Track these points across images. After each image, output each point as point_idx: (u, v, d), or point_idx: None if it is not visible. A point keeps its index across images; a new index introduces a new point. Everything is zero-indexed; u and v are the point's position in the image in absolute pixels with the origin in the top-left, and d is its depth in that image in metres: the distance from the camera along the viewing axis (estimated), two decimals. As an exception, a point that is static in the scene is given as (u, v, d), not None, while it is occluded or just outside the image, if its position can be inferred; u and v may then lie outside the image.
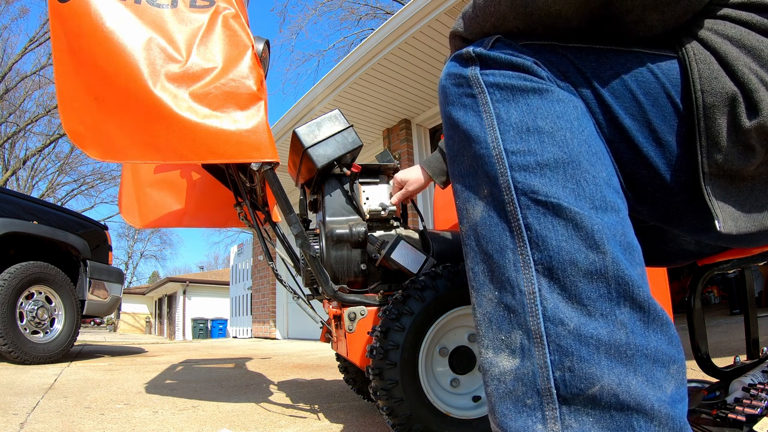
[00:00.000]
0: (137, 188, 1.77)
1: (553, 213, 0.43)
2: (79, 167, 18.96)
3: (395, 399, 0.93)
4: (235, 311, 10.41)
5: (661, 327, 0.42)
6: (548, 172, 0.45)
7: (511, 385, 0.42)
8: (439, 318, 0.97)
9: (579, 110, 0.49)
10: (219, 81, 1.07)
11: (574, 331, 0.40)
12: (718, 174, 0.49)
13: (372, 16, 14.40)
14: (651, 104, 0.51)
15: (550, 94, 0.48)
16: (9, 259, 3.03)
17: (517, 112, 0.47)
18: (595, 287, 0.41)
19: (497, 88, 0.48)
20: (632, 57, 0.52)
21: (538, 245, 0.43)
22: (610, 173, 0.48)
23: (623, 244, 0.44)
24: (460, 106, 0.50)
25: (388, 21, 3.50)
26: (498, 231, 0.46)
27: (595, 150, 0.47)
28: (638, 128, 0.51)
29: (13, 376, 2.28)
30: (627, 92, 0.51)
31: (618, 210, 0.45)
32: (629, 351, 0.40)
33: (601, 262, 0.41)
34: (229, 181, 1.61)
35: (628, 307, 0.41)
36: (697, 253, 0.78)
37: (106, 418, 1.38)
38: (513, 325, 0.43)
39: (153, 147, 1.07)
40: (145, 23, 1.09)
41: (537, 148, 0.46)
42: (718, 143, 0.48)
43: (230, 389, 1.95)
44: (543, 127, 0.46)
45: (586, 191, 0.44)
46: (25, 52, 15.44)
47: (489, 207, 0.47)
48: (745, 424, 0.80)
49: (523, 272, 0.43)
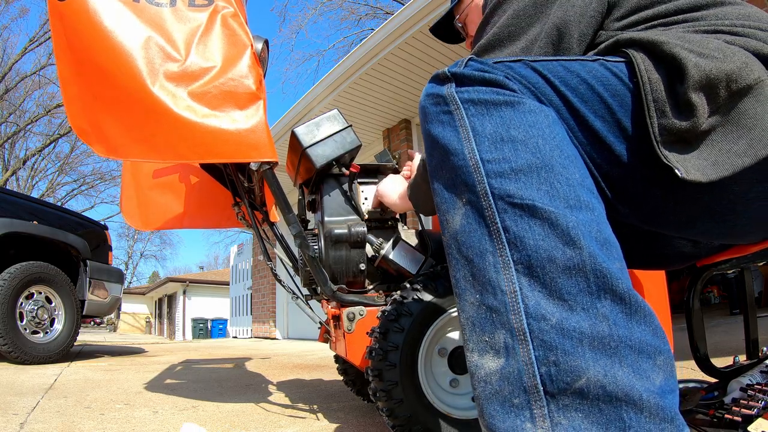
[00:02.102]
0: (138, 191, 1.77)
1: (529, 214, 0.45)
2: (79, 167, 19.00)
3: (395, 400, 0.93)
4: (235, 311, 10.41)
5: (644, 318, 0.42)
6: (522, 177, 0.46)
7: (498, 385, 0.43)
8: (438, 318, 0.97)
9: (550, 118, 0.51)
10: (218, 80, 1.07)
11: (557, 325, 0.41)
12: (672, 140, 0.51)
13: (372, 16, 14.41)
14: (618, 104, 0.53)
15: (521, 105, 0.50)
16: (9, 259, 3.03)
17: (491, 124, 0.49)
18: (575, 282, 0.42)
19: (472, 104, 0.51)
20: (596, 64, 0.56)
21: (517, 246, 0.44)
22: (584, 175, 0.49)
23: (599, 239, 0.45)
24: (438, 123, 0.53)
25: (388, 21, 3.50)
26: (477, 236, 0.47)
27: (568, 154, 0.49)
28: (608, 129, 0.54)
29: (13, 376, 2.28)
30: (595, 96, 0.54)
31: (592, 208, 0.47)
32: (612, 342, 0.40)
33: (578, 258, 0.42)
34: (227, 181, 1.60)
35: (609, 299, 0.42)
36: (695, 255, 0.78)
37: (106, 418, 1.38)
38: (496, 325, 0.44)
39: (152, 146, 1.07)
40: (144, 22, 1.08)
41: (511, 156, 0.47)
42: (664, 110, 0.51)
43: (230, 389, 1.95)
44: (516, 136, 0.48)
45: (560, 192, 0.46)
46: (25, 52, 15.45)
47: (468, 214, 0.48)
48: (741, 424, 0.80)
49: (504, 273, 0.44)
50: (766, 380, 0.94)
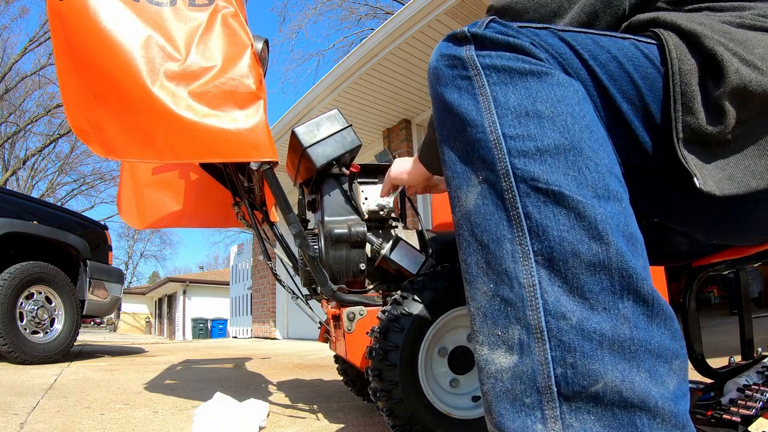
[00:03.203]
0: (136, 189, 1.77)
1: (554, 201, 0.41)
2: (79, 167, 19.00)
3: (395, 400, 0.92)
4: (235, 311, 10.41)
5: (665, 321, 0.40)
6: (549, 158, 0.43)
7: (509, 383, 0.41)
8: (438, 318, 0.97)
9: (579, 94, 0.47)
10: (218, 80, 1.07)
11: (577, 325, 0.39)
12: (693, 140, 0.49)
13: (372, 16, 14.41)
14: (648, 88, 0.50)
15: (549, 77, 0.46)
16: (9, 259, 3.03)
17: (515, 95, 0.45)
18: (598, 280, 0.40)
19: (494, 70, 0.46)
20: (627, 42, 0.52)
21: (538, 235, 0.41)
22: (612, 161, 0.46)
23: (626, 234, 0.42)
24: (454, 88, 0.48)
25: (388, 21, 3.50)
26: (494, 220, 0.43)
27: (597, 136, 0.45)
28: (634, 113, 0.50)
29: (13, 376, 2.28)
30: (624, 75, 0.50)
31: (621, 199, 0.43)
32: (633, 346, 0.39)
33: (605, 254, 0.40)
34: (227, 181, 1.60)
35: (631, 300, 0.40)
36: (691, 254, 0.78)
37: (106, 418, 1.37)
38: (510, 320, 0.41)
39: (152, 146, 1.06)
40: (144, 21, 1.08)
41: (537, 133, 0.44)
42: (691, 108, 0.48)
43: (230, 389, 1.95)
44: (543, 111, 0.44)
45: (588, 179, 0.42)
46: (25, 52, 15.45)
47: (485, 194, 0.45)
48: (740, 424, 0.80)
49: (522, 263, 0.41)
50: (763, 380, 0.94)
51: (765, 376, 0.96)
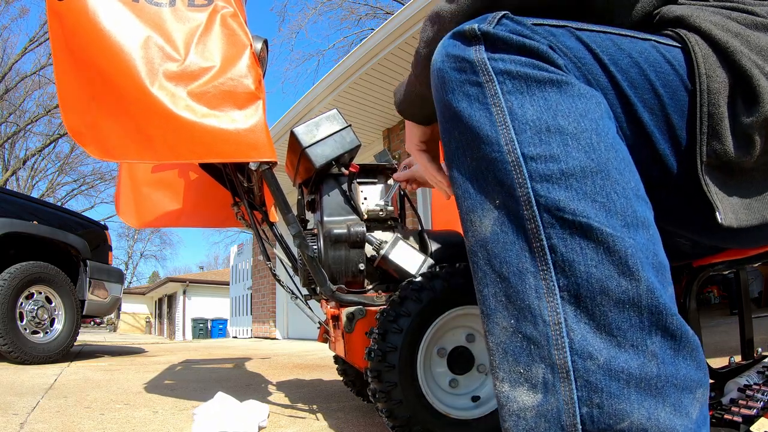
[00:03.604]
0: (134, 188, 1.76)
1: (581, 234, 0.38)
2: (79, 167, 19.01)
3: (394, 401, 0.92)
4: (235, 311, 10.42)
5: (691, 353, 0.39)
6: (575, 182, 0.39)
7: (533, 421, 0.39)
8: (437, 319, 0.97)
9: (602, 108, 0.43)
10: (217, 80, 1.07)
11: (605, 365, 0.37)
12: (717, 165, 0.46)
13: (372, 16, 14.42)
14: (669, 97, 0.47)
15: (570, 87, 0.42)
16: (9, 259, 3.03)
17: (533, 107, 0.41)
18: (627, 317, 0.38)
19: (509, 77, 0.42)
20: (647, 45, 0.47)
21: (564, 270, 0.38)
22: (637, 181, 0.42)
23: (655, 264, 0.40)
24: (462, 96, 0.43)
25: (388, 21, 3.50)
26: (515, 251, 0.40)
27: (622, 155, 0.42)
28: (655, 123, 0.47)
29: (13, 376, 2.28)
30: (646, 82, 0.46)
31: (648, 225, 0.41)
32: (659, 383, 0.37)
33: (635, 291, 0.38)
34: (226, 181, 1.60)
35: (659, 336, 0.38)
36: (692, 254, 0.78)
37: (106, 418, 1.37)
38: (534, 358, 0.39)
39: (150, 146, 1.07)
40: (143, 22, 1.08)
41: (560, 154, 0.40)
42: (718, 132, 0.45)
43: (230, 389, 1.95)
44: (565, 127, 0.40)
45: (617, 206, 0.39)
46: (25, 52, 15.46)
47: (503, 221, 0.41)
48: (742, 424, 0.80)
49: (547, 300, 0.39)
50: (764, 380, 0.94)
51: (765, 375, 0.96)
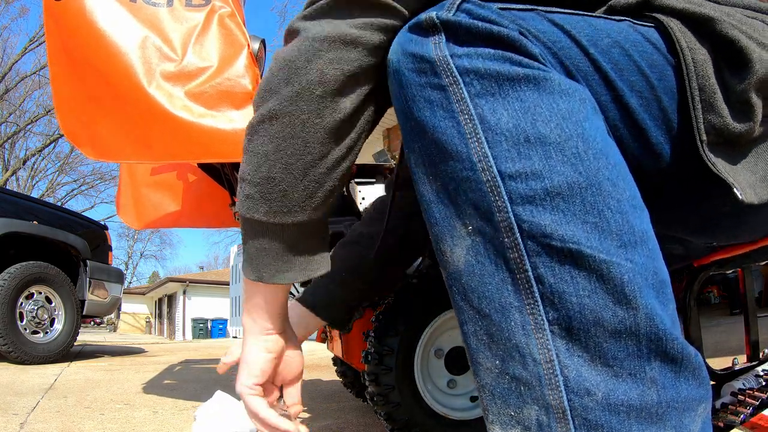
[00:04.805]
0: (134, 189, 1.77)
1: (571, 262, 0.34)
2: (79, 167, 19.02)
3: (392, 404, 0.92)
4: (235, 311, 10.44)
5: (693, 372, 0.36)
6: (561, 203, 0.34)
7: None
8: (434, 320, 0.97)
9: (587, 105, 0.37)
10: (214, 80, 1.07)
11: (603, 401, 0.33)
12: (719, 142, 0.42)
13: (372, 15, 14.39)
14: (657, 78, 0.42)
15: (548, 83, 0.36)
16: (9, 259, 3.03)
17: (507, 113, 0.35)
18: (624, 346, 0.34)
19: (476, 77, 0.36)
20: (623, 25, 0.43)
21: (554, 303, 0.34)
22: (633, 188, 0.37)
23: (655, 284, 0.35)
24: (424, 103, 0.37)
25: (387, 20, 3.49)
26: (495, 284, 0.35)
27: (614, 161, 0.36)
28: (645, 109, 0.42)
29: (13, 376, 2.28)
30: (630, 63, 0.42)
31: (647, 239, 0.36)
32: (660, 409, 0.34)
33: (632, 320, 0.34)
34: (224, 181, 1.60)
35: (659, 361, 0.34)
36: (685, 257, 0.76)
37: (106, 418, 1.38)
38: (525, 400, 0.35)
39: (147, 146, 1.07)
40: (141, 22, 1.08)
41: (543, 169, 0.34)
42: (713, 105, 0.41)
43: (230, 389, 1.95)
44: (547, 135, 0.35)
45: (611, 225, 0.34)
46: (25, 52, 15.49)
47: (479, 250, 0.36)
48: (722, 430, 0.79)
49: (536, 337, 0.35)
50: (760, 385, 0.93)
51: (761, 380, 0.95)
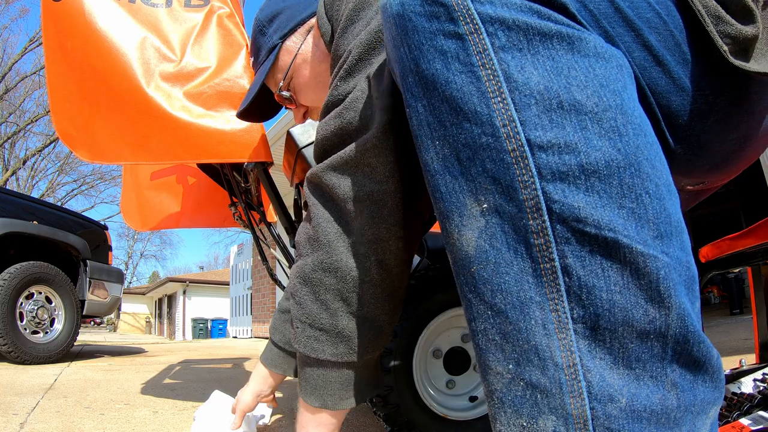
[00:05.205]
0: (137, 192, 1.78)
1: (605, 252, 0.30)
2: (79, 167, 19.01)
3: (391, 405, 0.92)
4: (235, 311, 10.43)
5: (711, 375, 0.33)
6: (598, 183, 0.30)
7: None
8: (432, 320, 0.97)
9: (625, 73, 0.33)
10: (213, 80, 1.08)
11: (627, 407, 0.30)
12: (737, 50, 0.39)
13: (372, 15, 14.38)
14: (666, 14, 0.39)
15: (583, 44, 0.31)
16: (9, 259, 3.04)
17: (538, 72, 0.30)
18: (648, 347, 0.31)
19: (502, 27, 0.30)
20: None
21: (581, 299, 0.30)
22: (667, 170, 0.33)
23: (687, 280, 0.32)
24: (435, 53, 0.31)
25: (386, 20, 3.49)
26: (513, 275, 0.31)
27: (652, 139, 0.32)
28: (663, 45, 0.39)
29: (13, 376, 2.28)
30: (643, 1, 0.39)
31: (682, 229, 0.32)
32: (678, 414, 0.31)
33: (663, 320, 0.30)
34: (224, 181, 1.61)
35: (681, 363, 0.31)
36: None
37: (106, 418, 1.38)
38: (541, 410, 0.31)
39: (145, 147, 1.07)
40: (140, 22, 1.09)
41: (579, 142, 0.30)
42: (721, 17, 0.38)
43: (230, 389, 1.95)
44: (583, 103, 0.30)
45: (649, 212, 0.30)
46: (25, 52, 15.49)
47: (494, 234, 0.31)
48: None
49: (558, 337, 0.30)
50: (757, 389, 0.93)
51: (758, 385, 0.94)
